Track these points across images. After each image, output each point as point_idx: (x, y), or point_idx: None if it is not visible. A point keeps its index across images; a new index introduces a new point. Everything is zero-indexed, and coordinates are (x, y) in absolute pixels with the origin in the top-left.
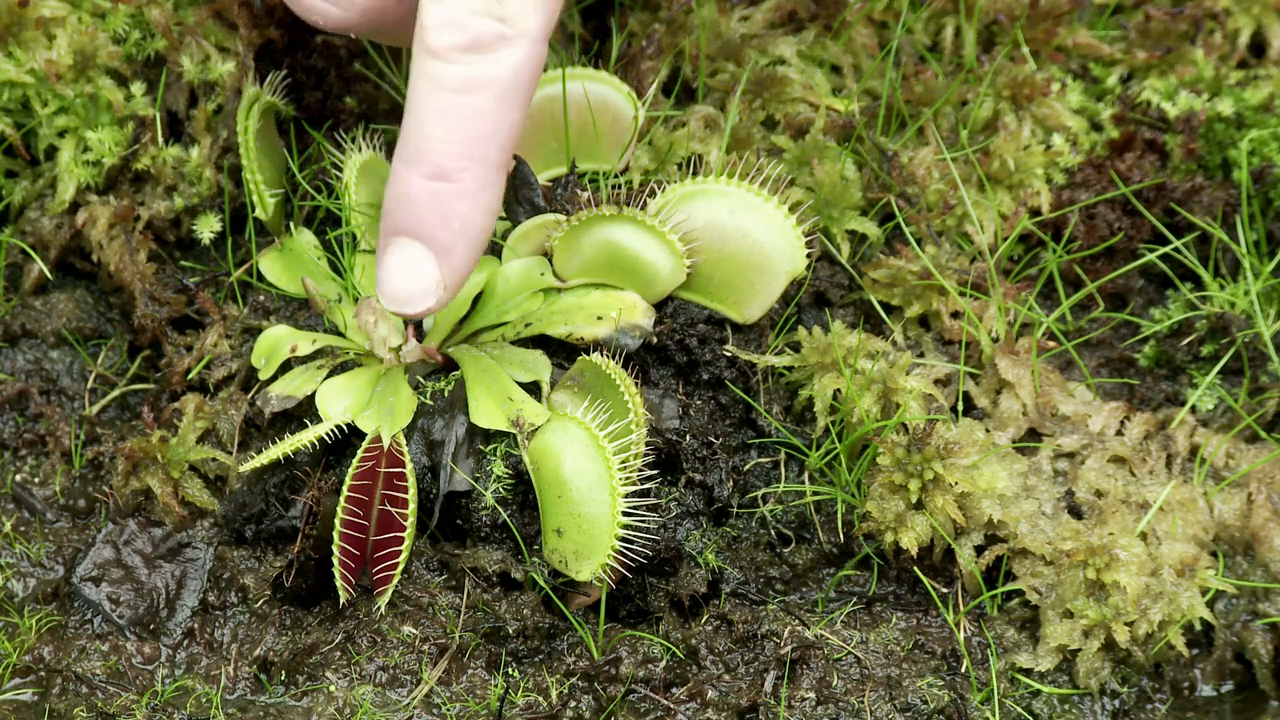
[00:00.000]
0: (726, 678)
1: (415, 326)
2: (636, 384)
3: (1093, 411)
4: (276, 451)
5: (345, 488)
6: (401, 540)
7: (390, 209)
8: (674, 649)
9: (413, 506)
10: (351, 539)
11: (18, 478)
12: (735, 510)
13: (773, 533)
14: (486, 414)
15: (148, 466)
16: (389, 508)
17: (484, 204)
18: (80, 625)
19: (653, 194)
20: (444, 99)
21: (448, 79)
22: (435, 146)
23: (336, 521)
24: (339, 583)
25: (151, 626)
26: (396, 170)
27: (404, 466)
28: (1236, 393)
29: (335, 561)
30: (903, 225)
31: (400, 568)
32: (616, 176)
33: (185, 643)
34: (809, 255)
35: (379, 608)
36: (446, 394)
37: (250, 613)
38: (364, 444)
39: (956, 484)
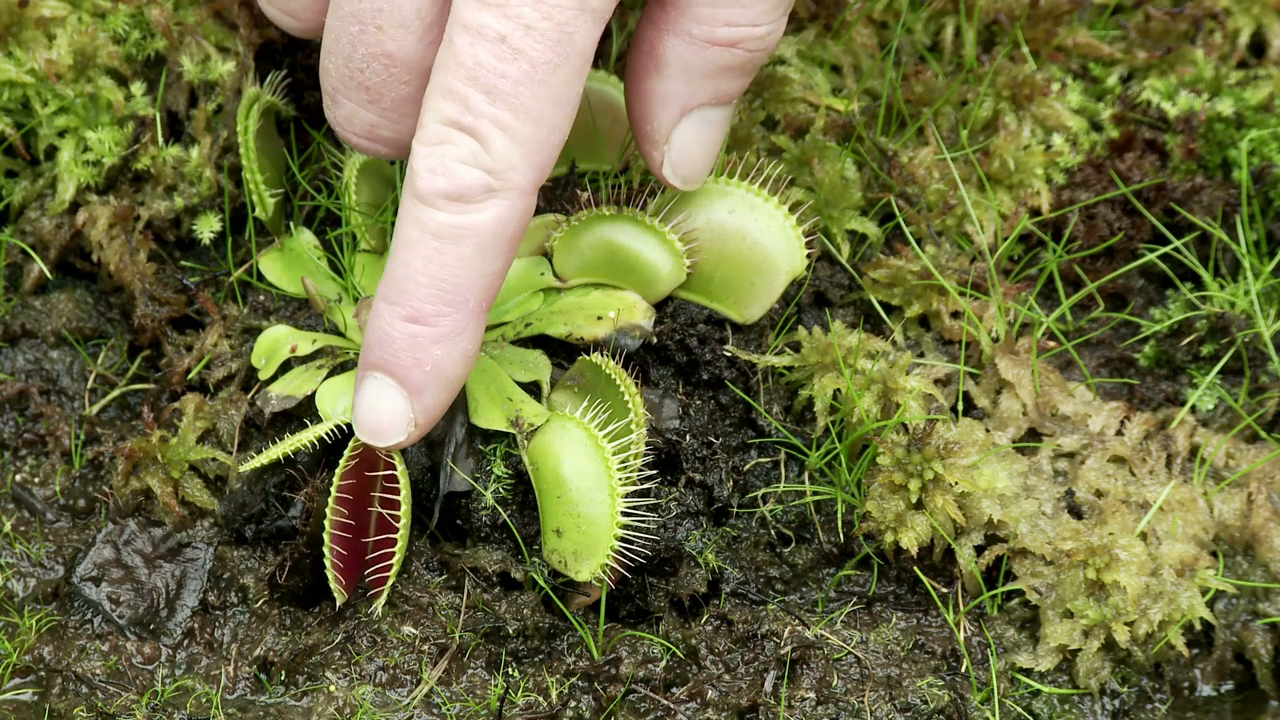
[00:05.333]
0: (726, 678)
1: None
2: (636, 384)
3: (1093, 411)
4: (276, 451)
5: (333, 487)
6: (395, 541)
7: (369, 343)
8: (674, 649)
9: (405, 507)
10: (344, 540)
11: (18, 478)
12: (735, 510)
13: (773, 533)
14: (486, 414)
15: (148, 466)
16: (384, 510)
17: (460, 348)
18: (80, 625)
19: (653, 194)
20: (428, 244)
21: (432, 225)
22: (416, 290)
23: (327, 522)
24: (333, 584)
25: (151, 626)
26: (378, 306)
27: (395, 468)
28: (1236, 393)
29: (327, 563)
30: (903, 225)
31: (395, 569)
32: (616, 176)
33: (185, 643)
34: (809, 255)
35: (375, 609)
36: None
37: (250, 613)
38: (352, 443)
39: (956, 484)
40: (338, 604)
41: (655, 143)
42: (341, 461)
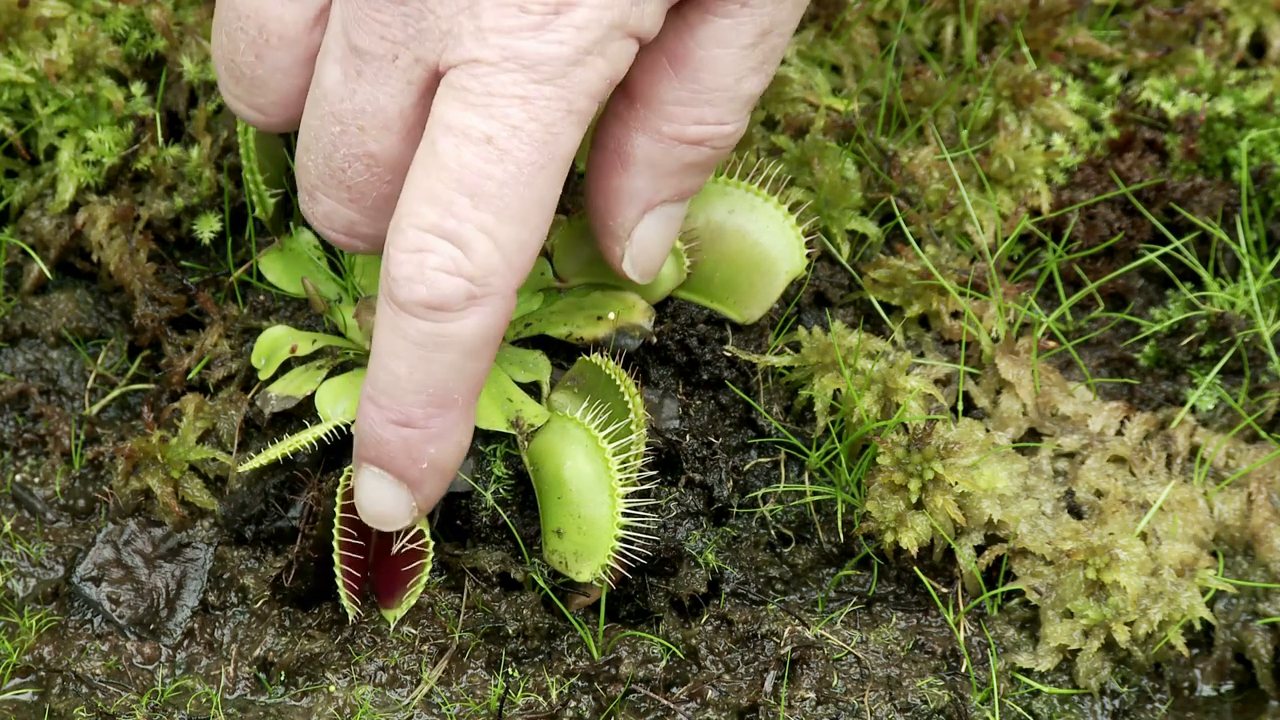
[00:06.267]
0: (726, 678)
1: None
2: (636, 384)
3: (1093, 411)
4: (276, 452)
5: (337, 505)
6: (423, 554)
7: (361, 438)
8: (674, 649)
9: (427, 534)
10: (352, 549)
11: (18, 478)
12: (735, 510)
13: (773, 533)
14: (486, 415)
15: (148, 466)
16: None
17: (454, 442)
18: (80, 625)
19: None
20: (411, 351)
21: (414, 335)
22: (403, 395)
23: (335, 543)
24: (346, 603)
25: (151, 626)
26: (365, 407)
27: None
28: (1236, 393)
29: (339, 583)
30: (903, 225)
31: (423, 580)
32: None
33: (185, 643)
34: (809, 255)
35: (395, 619)
36: None
37: (250, 613)
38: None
39: (956, 484)
40: (350, 618)
41: (618, 238)
42: (343, 480)
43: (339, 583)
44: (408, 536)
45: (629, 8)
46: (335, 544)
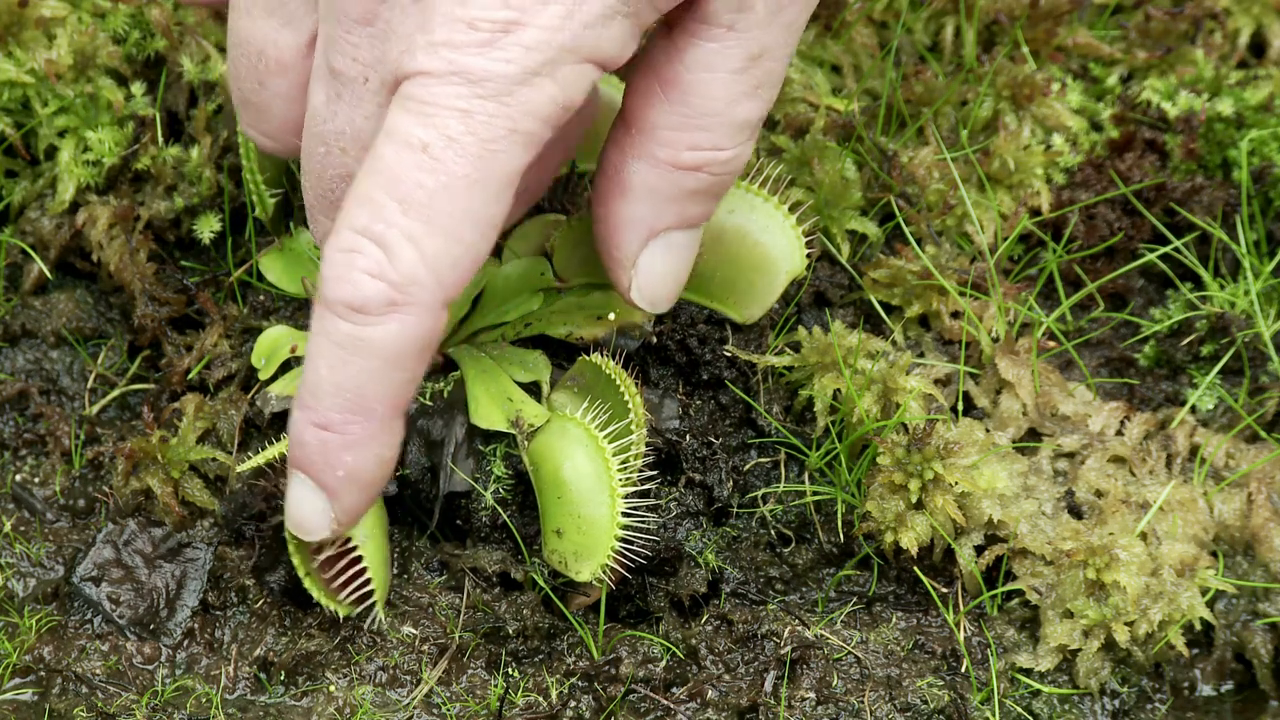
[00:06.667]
0: (726, 678)
1: None
2: (636, 384)
3: (1093, 411)
4: (276, 451)
5: None
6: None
7: (291, 443)
8: (674, 649)
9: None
10: (329, 558)
11: (18, 478)
12: (735, 510)
13: (773, 533)
14: (486, 414)
15: (148, 466)
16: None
17: (373, 454)
18: (80, 625)
19: None
20: (333, 353)
21: (336, 334)
22: (324, 398)
23: (287, 534)
24: (319, 596)
25: (151, 626)
26: (293, 410)
27: None
28: (1236, 393)
29: (301, 573)
30: (903, 225)
31: (379, 584)
32: None
33: (185, 643)
34: (809, 255)
35: (376, 619)
36: (446, 394)
37: (250, 613)
38: None
39: (956, 484)
40: (340, 615)
41: (623, 266)
42: None
43: (300, 572)
44: (337, 545)
45: (582, 31)
46: (286, 534)
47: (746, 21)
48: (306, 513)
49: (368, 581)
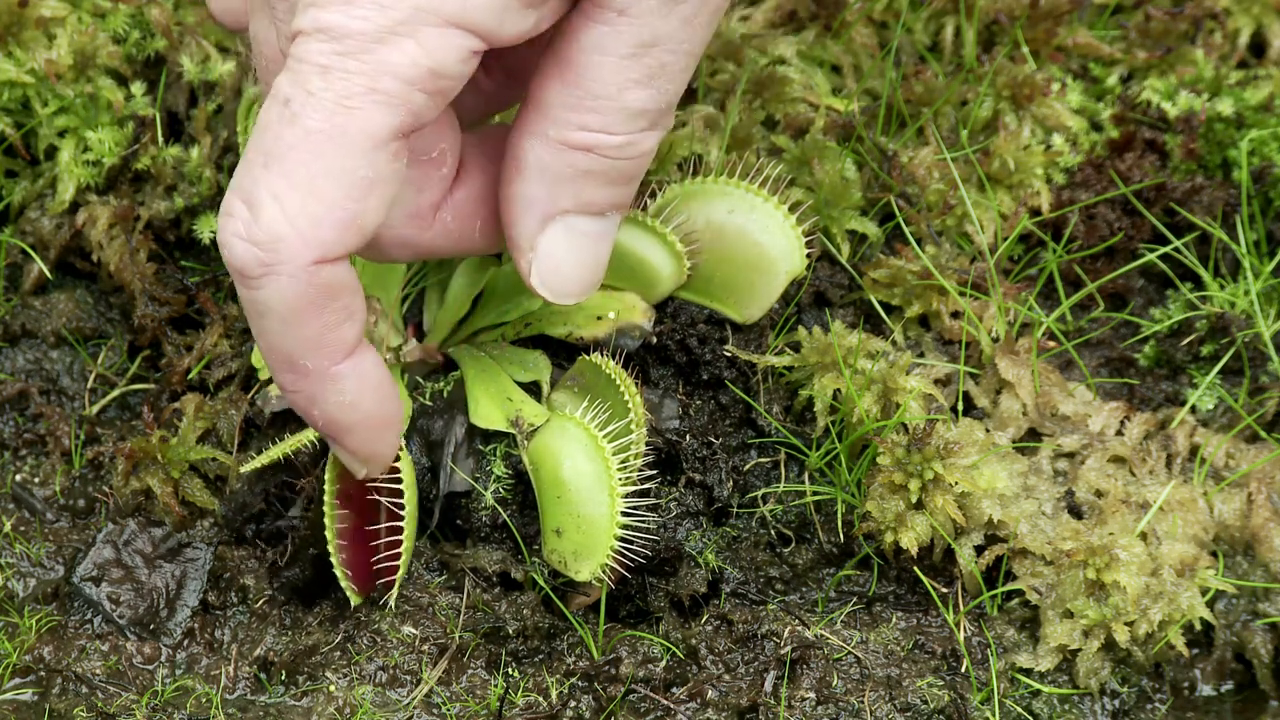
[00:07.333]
0: (726, 678)
1: (415, 326)
2: (636, 384)
3: (1093, 411)
4: (276, 451)
5: (328, 481)
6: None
7: None
8: (674, 649)
9: (410, 509)
10: (353, 539)
11: (18, 478)
12: (735, 510)
13: (773, 533)
14: (486, 414)
15: (148, 466)
16: (388, 500)
17: (331, 403)
18: (80, 625)
19: (653, 194)
20: (251, 319)
21: (242, 301)
22: (270, 362)
23: (328, 519)
24: (344, 584)
25: (151, 626)
26: None
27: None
28: (1236, 393)
29: (335, 561)
30: (903, 225)
31: (406, 559)
32: None
33: (185, 643)
34: (809, 255)
35: (388, 602)
36: (446, 394)
37: (250, 613)
38: None
39: (956, 484)
40: (353, 604)
41: (521, 249)
42: (329, 461)
43: (334, 560)
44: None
45: None
46: (328, 517)
47: (640, 8)
48: (342, 457)
49: (397, 556)
